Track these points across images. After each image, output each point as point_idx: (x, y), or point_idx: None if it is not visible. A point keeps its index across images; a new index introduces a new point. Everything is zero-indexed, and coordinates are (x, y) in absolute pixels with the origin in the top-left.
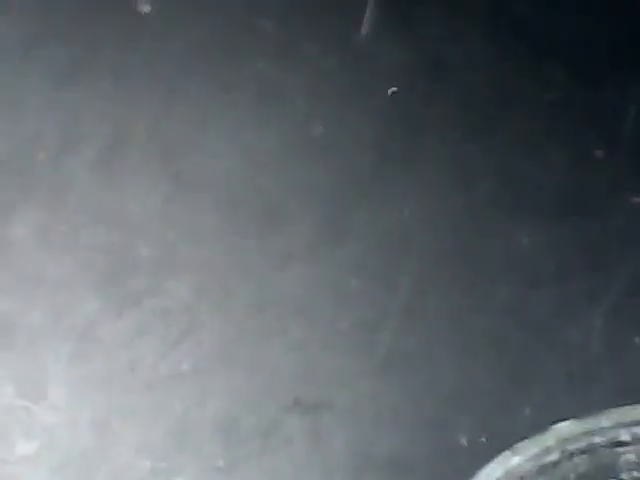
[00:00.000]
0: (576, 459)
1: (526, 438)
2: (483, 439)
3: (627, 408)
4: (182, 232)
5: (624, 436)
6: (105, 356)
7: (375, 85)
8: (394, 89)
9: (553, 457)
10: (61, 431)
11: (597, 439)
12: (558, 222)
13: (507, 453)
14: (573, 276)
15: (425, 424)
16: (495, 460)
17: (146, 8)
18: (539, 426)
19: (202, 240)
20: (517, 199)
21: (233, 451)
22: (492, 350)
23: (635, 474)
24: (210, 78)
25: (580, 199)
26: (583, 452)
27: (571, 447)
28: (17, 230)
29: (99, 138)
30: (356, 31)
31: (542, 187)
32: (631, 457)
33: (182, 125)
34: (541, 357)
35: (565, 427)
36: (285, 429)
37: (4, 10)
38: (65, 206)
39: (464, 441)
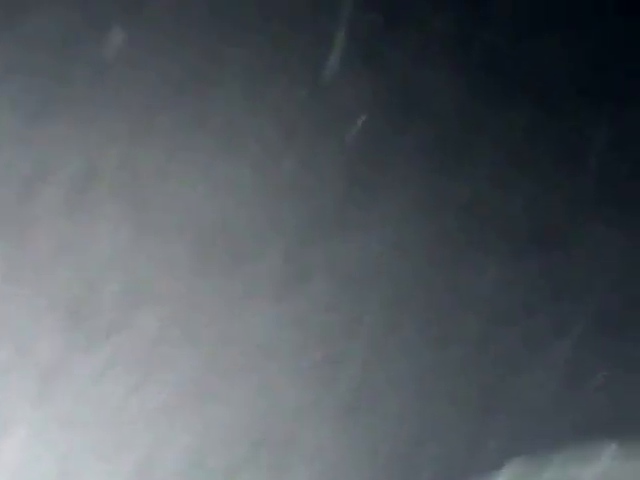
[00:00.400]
0: None
1: (489, 472)
2: None
3: (577, 445)
4: (151, 268)
5: (575, 473)
6: (72, 393)
7: (346, 117)
8: (361, 121)
9: None
10: (27, 469)
11: (548, 476)
12: (526, 253)
13: None
14: (539, 310)
15: (393, 460)
16: None
17: (117, 41)
18: (503, 461)
19: (171, 275)
20: (487, 230)
21: None
22: (459, 384)
23: None
24: (180, 112)
25: (548, 230)
26: None
27: None
28: None
29: (68, 172)
30: (326, 63)
31: (511, 217)
32: None
33: (151, 159)
34: (507, 391)
35: (517, 464)
36: (252, 466)
37: None
38: (34, 241)
39: (430, 477)
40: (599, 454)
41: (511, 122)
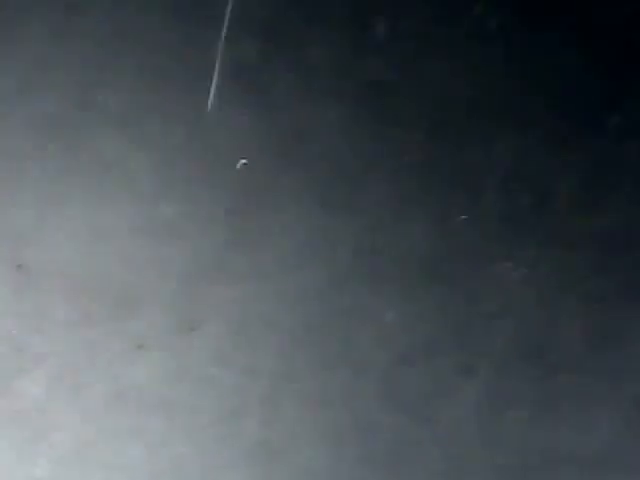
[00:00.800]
0: None
1: None
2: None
3: None
4: (30, 326)
5: None
6: None
7: (225, 158)
8: (244, 161)
9: None
10: None
11: None
12: (424, 293)
13: None
14: (443, 350)
15: None
16: None
17: None
18: None
19: (52, 334)
20: (379, 271)
21: None
22: (362, 435)
23: None
24: (50, 161)
25: (445, 267)
26: None
27: None
28: None
29: None
30: (202, 103)
31: (405, 257)
32: None
33: (24, 213)
34: (414, 439)
35: None
36: None
37: None
38: None
39: None
40: None
41: (399, 156)
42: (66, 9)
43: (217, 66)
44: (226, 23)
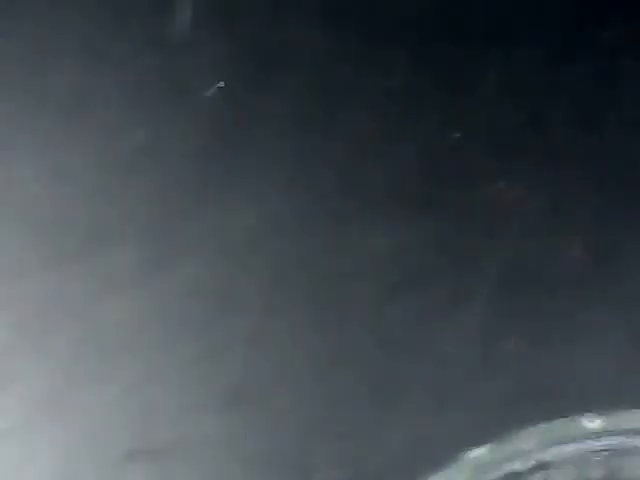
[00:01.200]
0: None
1: (398, 466)
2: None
3: (546, 426)
4: None
5: (548, 457)
6: None
7: (198, 83)
8: (221, 84)
9: None
10: None
11: (518, 464)
12: (415, 219)
13: None
14: (437, 278)
15: (282, 462)
16: None
17: None
18: (410, 453)
19: (16, 274)
20: (365, 197)
21: None
22: (351, 371)
23: None
24: (13, 91)
25: (437, 190)
26: None
27: (490, 476)
28: None
29: None
30: (172, 26)
31: (392, 182)
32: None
33: None
34: (408, 373)
35: (481, 454)
36: (129, 474)
37: None
38: None
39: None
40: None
41: (389, 73)
42: None
43: None
44: None
